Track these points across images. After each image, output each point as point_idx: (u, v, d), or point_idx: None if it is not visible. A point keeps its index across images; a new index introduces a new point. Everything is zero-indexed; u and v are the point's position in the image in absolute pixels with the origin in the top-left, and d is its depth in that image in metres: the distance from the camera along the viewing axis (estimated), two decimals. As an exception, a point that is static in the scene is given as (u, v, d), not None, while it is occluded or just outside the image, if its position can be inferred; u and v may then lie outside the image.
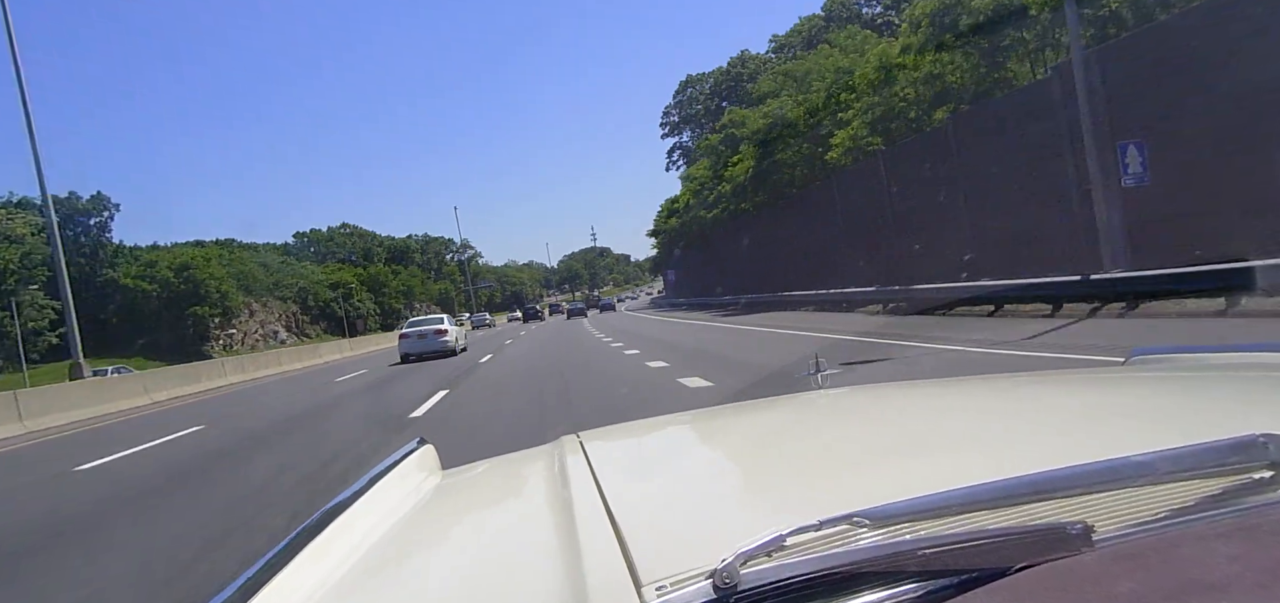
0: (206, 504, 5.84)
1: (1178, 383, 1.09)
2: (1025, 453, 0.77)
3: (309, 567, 0.70)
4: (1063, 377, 1.59)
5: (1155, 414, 0.92)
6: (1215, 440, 0.58)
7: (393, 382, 15.12)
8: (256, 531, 4.57)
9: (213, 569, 3.86)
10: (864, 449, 0.95)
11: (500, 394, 10.41)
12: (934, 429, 1.02)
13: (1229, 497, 0.57)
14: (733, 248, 31.45)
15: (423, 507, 0.94)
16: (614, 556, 0.60)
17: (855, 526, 0.54)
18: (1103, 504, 0.56)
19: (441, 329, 20.34)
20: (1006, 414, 1.06)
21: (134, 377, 21.70)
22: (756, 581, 0.50)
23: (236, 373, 24.73)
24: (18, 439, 13.22)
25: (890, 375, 6.90)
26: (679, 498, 0.86)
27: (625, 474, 1.01)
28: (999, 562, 0.50)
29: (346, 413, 11.12)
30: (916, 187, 15.96)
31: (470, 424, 7.88)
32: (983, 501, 0.55)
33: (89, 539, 5.02)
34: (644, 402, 7.69)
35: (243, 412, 13.66)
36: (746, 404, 1.54)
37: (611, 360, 13.35)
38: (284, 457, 7.48)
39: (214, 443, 9.41)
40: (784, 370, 7.93)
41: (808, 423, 1.20)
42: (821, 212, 21.05)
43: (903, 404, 1.26)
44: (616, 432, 1.37)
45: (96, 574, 4.19)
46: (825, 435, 1.09)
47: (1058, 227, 11.68)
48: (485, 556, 0.76)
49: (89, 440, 11.51)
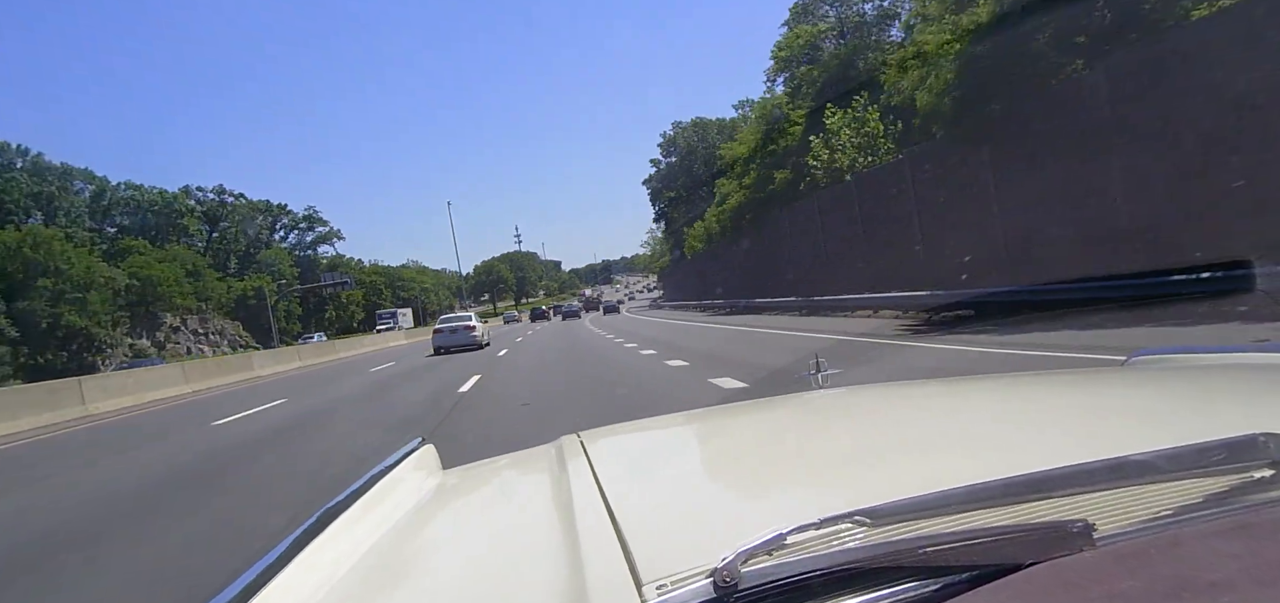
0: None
1: (1178, 383, 1.09)
2: (1026, 452, 0.77)
3: (309, 567, 0.70)
4: (1063, 377, 1.59)
5: (1155, 414, 0.92)
6: (1215, 440, 0.58)
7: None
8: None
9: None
10: (864, 448, 0.95)
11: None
12: (934, 428, 1.02)
13: (1229, 496, 0.57)
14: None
15: (423, 507, 0.94)
16: (614, 555, 0.60)
17: (856, 524, 0.54)
18: (1103, 503, 0.56)
19: (470, 325, 24.34)
20: (1006, 414, 1.06)
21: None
22: (757, 579, 0.50)
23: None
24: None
25: (890, 376, 6.92)
26: (679, 497, 0.86)
27: (625, 474, 1.01)
28: (1000, 560, 0.50)
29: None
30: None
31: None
32: (983, 499, 0.55)
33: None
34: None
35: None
36: (746, 404, 1.54)
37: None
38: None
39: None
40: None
41: (808, 423, 1.19)
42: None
43: (903, 404, 1.26)
44: (617, 431, 1.37)
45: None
46: (825, 435, 1.09)
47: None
48: (486, 555, 0.76)
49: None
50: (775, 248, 25.33)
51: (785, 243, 24.21)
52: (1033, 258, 11.51)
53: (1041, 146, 11.48)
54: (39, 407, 15.17)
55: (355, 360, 28.20)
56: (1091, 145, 10.39)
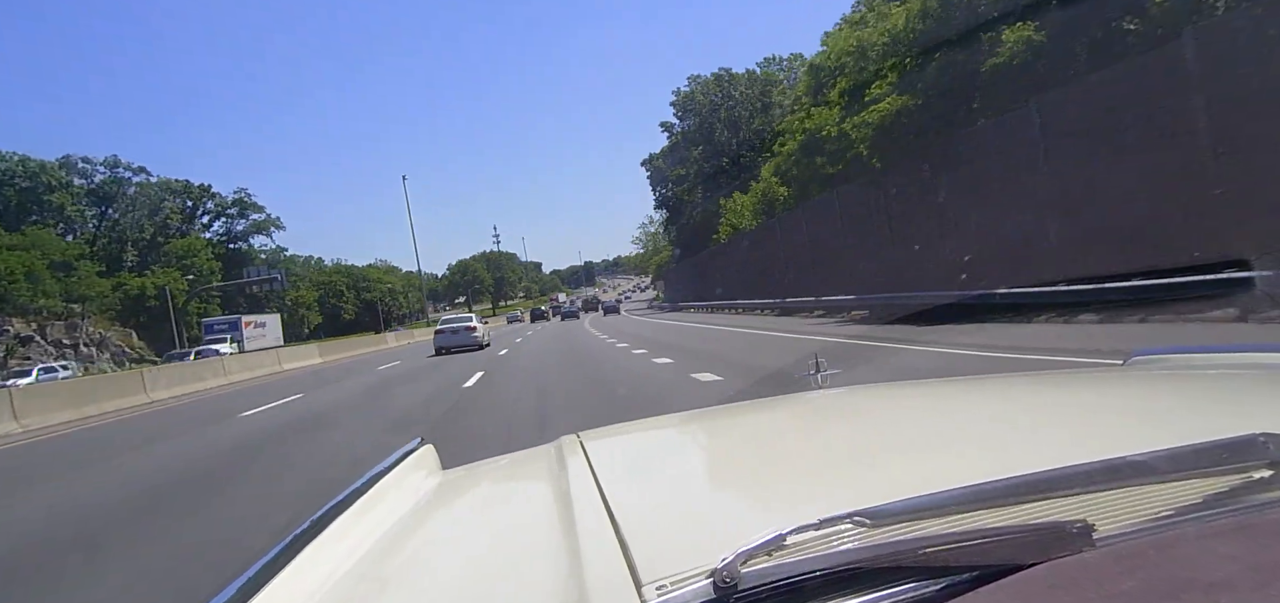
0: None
1: (1177, 383, 1.09)
2: (1025, 453, 0.77)
3: (309, 567, 0.70)
4: (1062, 377, 1.59)
5: (1155, 414, 0.92)
6: (1215, 440, 0.58)
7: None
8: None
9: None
10: (864, 449, 0.95)
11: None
12: (934, 429, 1.02)
13: (1229, 496, 0.57)
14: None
15: (422, 507, 0.94)
16: (614, 555, 0.60)
17: (855, 525, 0.54)
18: (1103, 503, 0.56)
19: (471, 326, 24.09)
20: (1006, 414, 1.06)
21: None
22: (757, 580, 0.50)
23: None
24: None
25: (890, 375, 6.91)
26: (679, 498, 0.86)
27: (625, 474, 1.01)
28: (999, 560, 0.50)
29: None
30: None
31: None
32: (983, 500, 0.55)
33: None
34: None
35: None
36: (746, 404, 1.54)
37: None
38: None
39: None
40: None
41: (808, 423, 1.19)
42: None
43: (903, 404, 1.26)
44: (616, 432, 1.37)
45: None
46: (825, 435, 1.09)
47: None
48: (485, 555, 0.76)
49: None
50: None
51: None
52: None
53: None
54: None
55: (257, 388, 18.21)
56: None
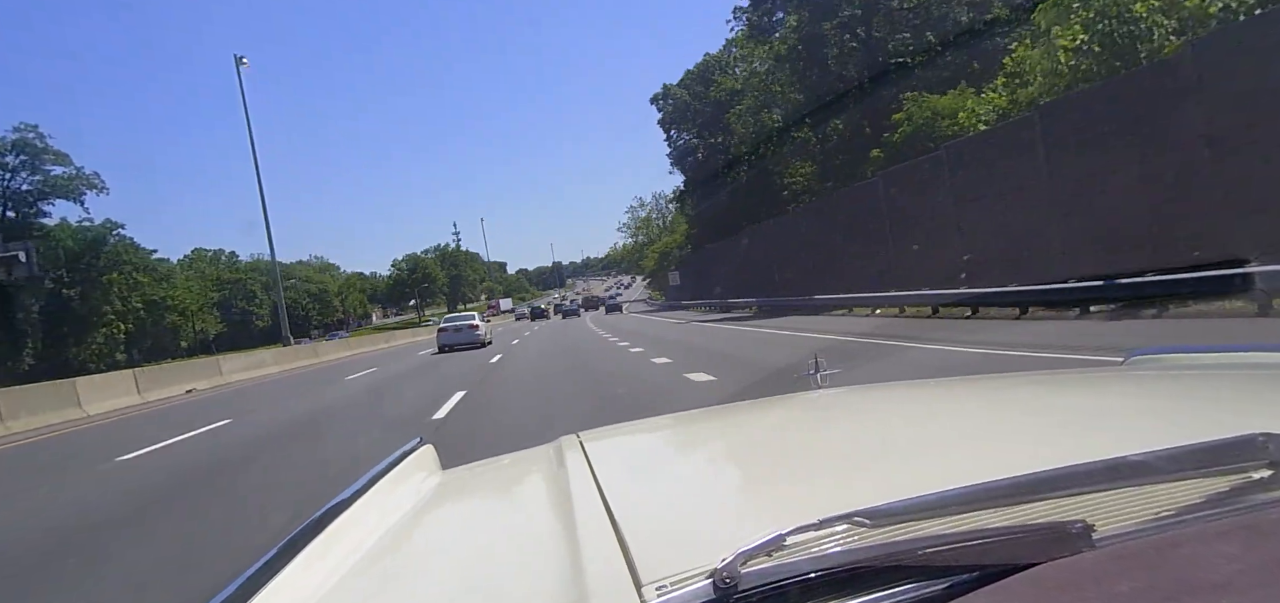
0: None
1: (1177, 383, 1.09)
2: (1025, 453, 0.77)
3: (309, 567, 0.70)
4: (1062, 377, 1.59)
5: (1155, 414, 0.92)
6: (1215, 440, 0.58)
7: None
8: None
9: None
10: (864, 449, 0.95)
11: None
12: (934, 429, 1.02)
13: (1229, 496, 0.56)
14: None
15: (423, 507, 0.94)
16: (614, 555, 0.60)
17: (855, 525, 0.53)
18: (1103, 503, 0.56)
19: (474, 324, 24.06)
20: (1006, 414, 1.05)
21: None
22: (757, 580, 0.49)
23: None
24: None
25: (890, 375, 6.91)
26: (679, 498, 0.86)
27: (625, 474, 1.01)
28: (999, 561, 0.50)
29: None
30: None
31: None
32: (982, 500, 0.55)
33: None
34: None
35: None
36: (746, 404, 1.54)
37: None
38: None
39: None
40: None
41: (808, 423, 1.19)
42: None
43: (903, 404, 1.26)
44: (616, 432, 1.37)
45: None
46: (825, 435, 1.09)
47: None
48: (485, 555, 0.76)
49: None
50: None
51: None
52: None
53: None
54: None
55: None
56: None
